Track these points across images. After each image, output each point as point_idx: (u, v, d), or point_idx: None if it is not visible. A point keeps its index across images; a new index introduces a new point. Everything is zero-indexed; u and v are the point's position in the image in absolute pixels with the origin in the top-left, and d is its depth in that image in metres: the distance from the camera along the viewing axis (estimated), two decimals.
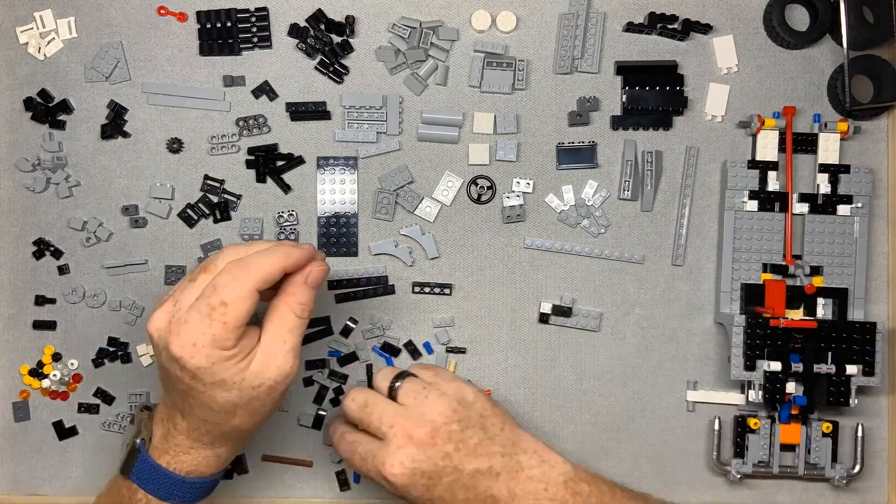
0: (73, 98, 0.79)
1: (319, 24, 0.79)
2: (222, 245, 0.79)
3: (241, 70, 0.79)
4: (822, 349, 0.75)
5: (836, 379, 0.75)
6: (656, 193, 0.80)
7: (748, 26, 0.80)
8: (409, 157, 0.79)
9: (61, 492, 0.80)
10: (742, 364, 0.75)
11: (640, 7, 0.79)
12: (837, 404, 0.75)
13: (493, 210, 0.80)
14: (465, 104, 0.79)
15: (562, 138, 0.79)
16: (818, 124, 0.78)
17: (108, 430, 0.80)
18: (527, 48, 0.79)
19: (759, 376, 0.75)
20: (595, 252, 0.80)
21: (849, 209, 0.78)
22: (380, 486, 0.65)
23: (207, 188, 0.79)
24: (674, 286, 0.80)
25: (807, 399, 0.75)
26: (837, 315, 0.77)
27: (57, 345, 0.80)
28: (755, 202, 0.78)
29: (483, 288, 0.80)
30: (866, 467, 0.79)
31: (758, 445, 0.77)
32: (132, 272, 0.79)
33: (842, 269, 0.78)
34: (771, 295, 0.77)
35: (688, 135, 0.80)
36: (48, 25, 0.79)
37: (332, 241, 0.79)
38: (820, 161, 0.78)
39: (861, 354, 0.75)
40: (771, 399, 0.75)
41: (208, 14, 0.79)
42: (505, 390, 0.80)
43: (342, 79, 0.79)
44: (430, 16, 0.79)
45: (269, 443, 0.80)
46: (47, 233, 0.79)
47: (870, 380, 0.75)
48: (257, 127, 0.79)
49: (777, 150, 0.78)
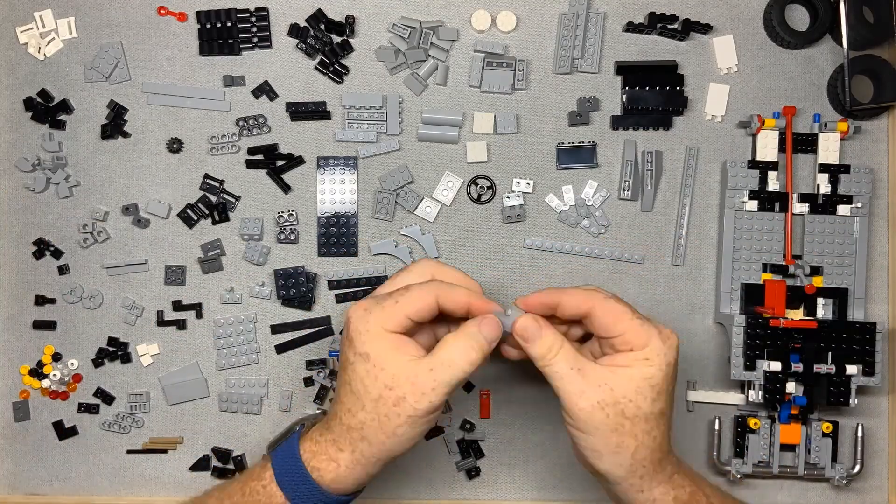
0: (73, 98, 0.79)
1: (319, 24, 0.79)
2: (222, 245, 0.79)
3: (241, 70, 0.79)
4: (822, 349, 0.75)
5: (836, 379, 0.75)
6: (656, 193, 0.80)
7: (748, 26, 0.80)
8: (409, 157, 0.79)
9: (61, 492, 0.80)
10: (742, 364, 0.75)
11: (640, 7, 0.79)
12: (837, 404, 0.75)
13: (493, 210, 0.80)
14: (465, 104, 0.79)
15: (562, 138, 0.79)
16: (818, 124, 0.78)
17: (108, 430, 0.80)
18: (527, 48, 0.79)
19: (759, 376, 0.75)
20: (595, 252, 0.80)
21: (849, 209, 0.78)
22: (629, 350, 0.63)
23: (207, 188, 0.79)
24: (674, 286, 0.80)
25: (807, 399, 0.75)
26: (837, 315, 0.77)
27: (57, 345, 0.80)
28: (755, 202, 0.78)
29: (483, 288, 0.79)
30: (866, 467, 0.79)
31: (758, 445, 0.77)
32: (132, 272, 0.79)
33: (842, 269, 0.78)
34: (771, 295, 0.77)
35: (688, 135, 0.80)
36: (48, 25, 0.79)
37: (332, 241, 0.79)
38: (820, 161, 0.78)
39: (861, 354, 0.75)
40: (771, 399, 0.75)
41: (208, 14, 0.79)
42: (505, 390, 0.80)
43: (342, 79, 0.79)
44: (430, 16, 0.79)
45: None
46: (47, 233, 0.79)
47: (870, 380, 0.75)
48: (257, 127, 0.79)
49: (777, 150, 0.78)
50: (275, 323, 0.80)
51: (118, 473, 0.80)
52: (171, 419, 0.80)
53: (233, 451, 0.80)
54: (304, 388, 0.80)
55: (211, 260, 0.79)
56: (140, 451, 0.80)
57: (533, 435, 0.80)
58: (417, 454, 0.80)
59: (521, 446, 0.80)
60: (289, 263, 0.79)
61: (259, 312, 0.80)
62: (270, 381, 0.80)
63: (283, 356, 0.80)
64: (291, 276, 0.79)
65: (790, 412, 0.76)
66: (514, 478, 0.80)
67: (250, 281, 0.79)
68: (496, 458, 0.80)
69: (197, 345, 0.80)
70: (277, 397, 0.80)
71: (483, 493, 0.80)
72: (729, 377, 0.76)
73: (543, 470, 0.80)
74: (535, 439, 0.80)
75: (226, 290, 0.79)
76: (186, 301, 0.79)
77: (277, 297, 0.79)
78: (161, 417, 0.80)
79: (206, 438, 0.80)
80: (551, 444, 0.80)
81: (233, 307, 0.80)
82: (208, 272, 0.79)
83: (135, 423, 0.80)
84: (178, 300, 0.79)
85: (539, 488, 0.80)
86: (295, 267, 0.79)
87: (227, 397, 0.79)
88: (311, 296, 0.79)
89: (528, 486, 0.80)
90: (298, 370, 0.80)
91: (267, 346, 0.80)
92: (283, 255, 0.79)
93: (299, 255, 0.79)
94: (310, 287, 0.79)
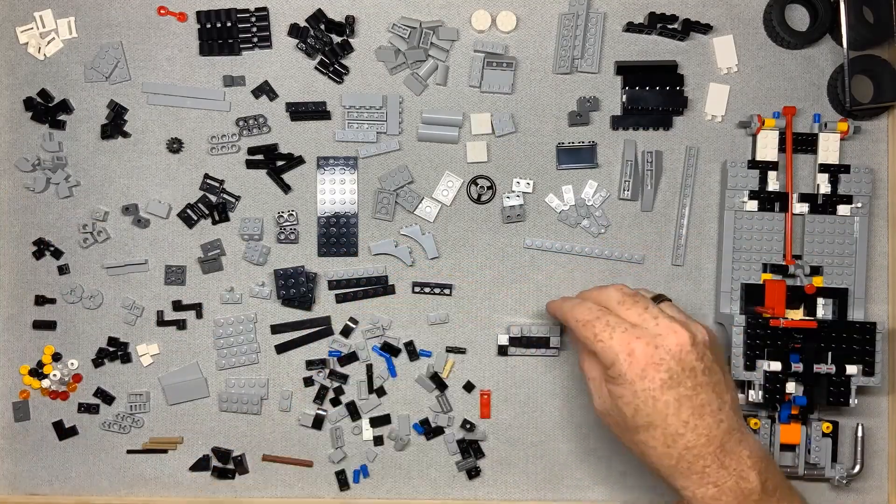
0: (73, 98, 0.79)
1: (319, 24, 0.79)
2: (222, 245, 0.79)
3: (241, 70, 0.79)
4: (823, 349, 0.75)
5: (836, 379, 0.75)
6: (656, 193, 0.80)
7: (748, 26, 0.80)
8: (409, 157, 0.79)
9: (61, 492, 0.80)
10: (742, 364, 0.75)
11: (640, 7, 0.79)
12: (837, 404, 0.75)
13: (493, 210, 0.80)
14: (465, 104, 0.79)
15: (562, 138, 0.79)
16: (818, 124, 0.78)
17: (108, 430, 0.80)
18: (527, 48, 0.79)
19: (759, 376, 0.75)
20: (595, 252, 0.80)
21: (849, 209, 0.78)
22: (596, 371, 0.66)
23: (207, 188, 0.79)
24: (674, 286, 0.80)
25: (807, 399, 0.75)
26: (837, 315, 0.77)
27: (57, 345, 0.80)
28: (755, 202, 0.78)
29: (483, 288, 0.80)
30: (866, 467, 0.79)
31: None
32: (132, 272, 0.79)
33: (842, 269, 0.78)
34: (771, 295, 0.77)
35: (688, 135, 0.80)
36: (48, 25, 0.79)
37: (332, 241, 0.79)
38: (820, 161, 0.78)
39: (861, 354, 0.75)
40: (771, 399, 0.75)
41: (208, 14, 0.79)
42: (505, 390, 0.80)
43: (342, 79, 0.79)
44: (430, 16, 0.79)
45: (269, 443, 0.80)
46: (47, 233, 0.79)
47: (870, 380, 0.75)
48: (257, 127, 0.79)
49: (777, 150, 0.78)
50: (275, 323, 0.80)
51: (118, 473, 0.80)
52: (171, 419, 0.80)
53: (233, 451, 0.80)
54: (303, 388, 0.80)
55: (211, 260, 0.79)
56: (140, 451, 0.80)
57: (533, 435, 0.80)
58: (418, 454, 0.80)
59: (521, 446, 0.80)
60: (289, 263, 0.79)
61: (259, 312, 0.80)
62: (270, 381, 0.80)
63: (283, 356, 0.80)
64: (291, 276, 0.79)
65: (790, 412, 0.76)
66: (514, 478, 0.80)
67: (250, 281, 0.79)
68: (496, 458, 0.80)
69: (197, 345, 0.80)
70: (277, 397, 0.80)
71: (483, 493, 0.80)
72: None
73: (543, 470, 0.80)
74: (535, 439, 0.80)
75: (226, 290, 0.79)
76: (186, 301, 0.79)
77: (277, 297, 0.79)
78: (161, 417, 0.80)
79: (206, 438, 0.80)
80: (551, 444, 0.80)
81: (233, 307, 0.80)
82: (208, 272, 0.79)
83: (135, 424, 0.80)
84: (178, 300, 0.79)
85: (539, 488, 0.80)
86: (295, 267, 0.79)
87: (227, 397, 0.79)
88: (311, 296, 0.79)
89: (528, 486, 0.80)
90: (298, 370, 0.80)
91: (267, 346, 0.80)
92: (283, 255, 0.79)
93: (299, 255, 0.79)
94: (310, 287, 0.79)
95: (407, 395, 0.80)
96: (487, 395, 0.80)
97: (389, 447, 0.80)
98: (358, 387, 0.80)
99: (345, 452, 0.80)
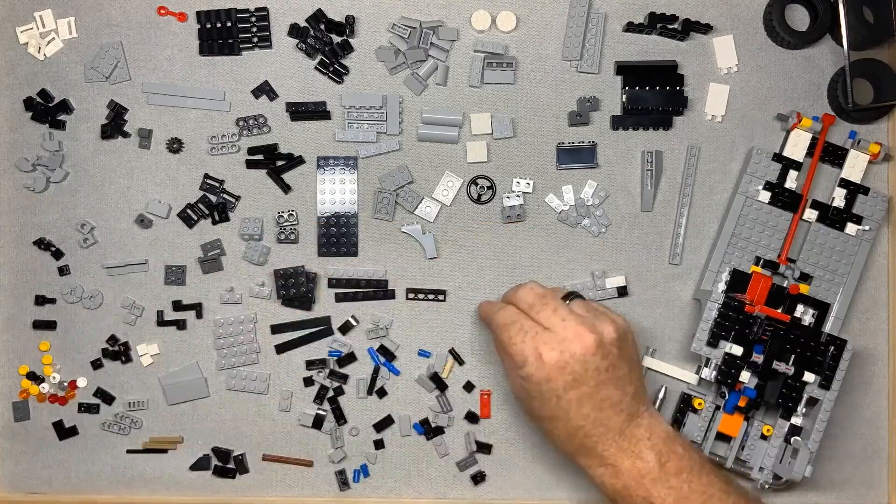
0: (73, 98, 0.79)
1: (319, 24, 0.79)
2: (222, 245, 0.79)
3: (241, 70, 0.79)
4: (788, 350, 0.75)
5: (791, 382, 0.75)
6: (656, 193, 0.80)
7: (748, 26, 0.80)
8: (409, 157, 0.79)
9: (61, 492, 0.80)
10: (706, 339, 0.75)
11: (640, 7, 0.79)
12: (784, 408, 0.75)
13: (493, 210, 0.80)
14: (465, 104, 0.79)
15: (562, 138, 0.79)
16: (852, 140, 0.78)
17: (108, 431, 0.80)
18: (527, 48, 0.79)
19: (718, 355, 0.75)
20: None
21: (856, 230, 0.78)
22: (512, 368, 0.69)
23: (207, 188, 0.79)
24: (672, 286, 0.80)
25: (756, 394, 0.75)
26: (813, 326, 0.77)
27: (57, 345, 0.80)
28: (768, 194, 0.77)
29: (483, 288, 0.80)
30: (867, 467, 0.79)
31: (695, 426, 0.77)
32: (132, 272, 0.79)
33: (830, 284, 0.78)
34: (755, 286, 0.76)
35: (688, 135, 0.80)
36: (48, 25, 0.79)
37: (332, 241, 0.79)
38: (843, 175, 0.78)
39: (824, 367, 0.75)
40: (723, 380, 0.75)
41: (208, 14, 0.79)
42: (504, 389, 0.80)
43: (342, 79, 0.79)
44: (430, 16, 0.79)
45: (269, 443, 0.80)
46: (47, 233, 0.79)
47: (824, 393, 0.75)
48: (257, 127, 0.79)
49: (805, 152, 0.78)
50: (275, 323, 0.80)
51: (118, 473, 0.80)
52: (170, 419, 0.80)
53: (233, 450, 0.80)
54: (304, 388, 0.80)
55: (211, 260, 0.79)
56: (140, 450, 0.80)
57: (533, 435, 0.80)
58: (418, 454, 0.80)
59: (521, 446, 0.80)
60: (289, 263, 0.79)
61: (259, 312, 0.80)
62: (270, 381, 0.80)
63: (283, 356, 0.80)
64: (291, 275, 0.79)
65: (737, 402, 0.76)
66: (514, 478, 0.80)
67: (250, 281, 0.79)
68: (496, 458, 0.80)
69: (197, 345, 0.80)
70: (277, 397, 0.80)
71: (484, 493, 0.80)
72: (688, 355, 0.76)
73: (543, 470, 0.80)
74: (535, 439, 0.80)
75: (226, 290, 0.79)
76: (186, 301, 0.79)
77: (277, 297, 0.79)
78: (161, 417, 0.80)
79: (206, 438, 0.80)
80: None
81: (233, 307, 0.80)
82: (208, 272, 0.79)
83: (134, 423, 0.80)
84: (178, 300, 0.79)
85: (539, 488, 0.80)
86: (295, 267, 0.79)
87: (235, 374, 0.79)
88: (311, 296, 0.79)
89: (528, 486, 0.80)
90: (298, 370, 0.80)
91: (267, 346, 0.80)
92: (283, 255, 0.79)
93: (299, 255, 0.79)
94: (310, 287, 0.79)
95: (407, 395, 0.80)
96: (487, 395, 0.80)
97: (390, 447, 0.80)
98: (357, 386, 0.80)
99: (345, 452, 0.80)
